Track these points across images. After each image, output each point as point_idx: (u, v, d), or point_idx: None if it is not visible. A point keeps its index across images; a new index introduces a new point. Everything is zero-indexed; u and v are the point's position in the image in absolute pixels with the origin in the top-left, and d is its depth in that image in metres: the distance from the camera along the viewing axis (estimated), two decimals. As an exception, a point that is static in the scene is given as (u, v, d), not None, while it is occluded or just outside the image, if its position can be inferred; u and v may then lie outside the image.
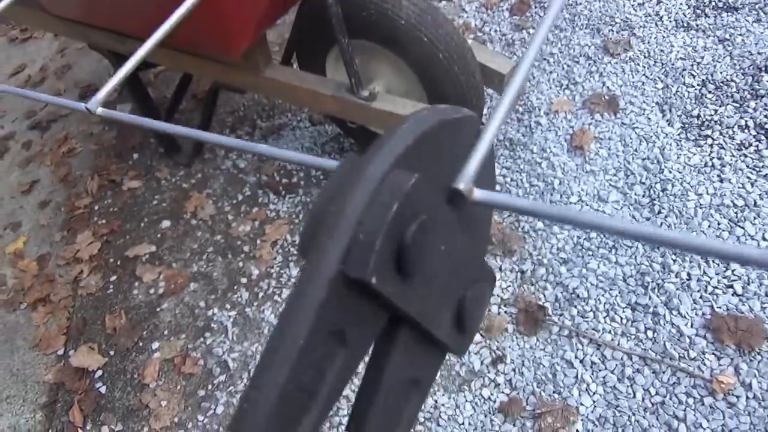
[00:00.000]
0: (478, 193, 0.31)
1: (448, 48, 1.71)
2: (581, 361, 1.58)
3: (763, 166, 1.81)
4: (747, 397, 1.43)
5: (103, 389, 1.88)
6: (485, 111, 2.06)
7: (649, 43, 2.28)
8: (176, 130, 0.44)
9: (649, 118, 2.04)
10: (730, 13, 2.27)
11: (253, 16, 1.62)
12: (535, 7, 2.61)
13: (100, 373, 1.92)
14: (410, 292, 0.28)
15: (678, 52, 2.21)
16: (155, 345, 1.94)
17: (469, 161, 0.31)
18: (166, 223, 2.31)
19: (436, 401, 1.61)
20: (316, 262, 0.25)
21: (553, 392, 1.55)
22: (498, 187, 2.02)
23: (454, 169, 0.32)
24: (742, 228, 1.70)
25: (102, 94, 0.48)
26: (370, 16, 1.70)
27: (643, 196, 1.85)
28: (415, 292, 0.28)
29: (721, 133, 1.93)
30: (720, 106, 2.00)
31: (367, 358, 0.31)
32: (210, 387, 1.80)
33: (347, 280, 0.25)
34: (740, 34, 2.18)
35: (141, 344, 1.96)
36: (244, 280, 2.03)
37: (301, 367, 0.25)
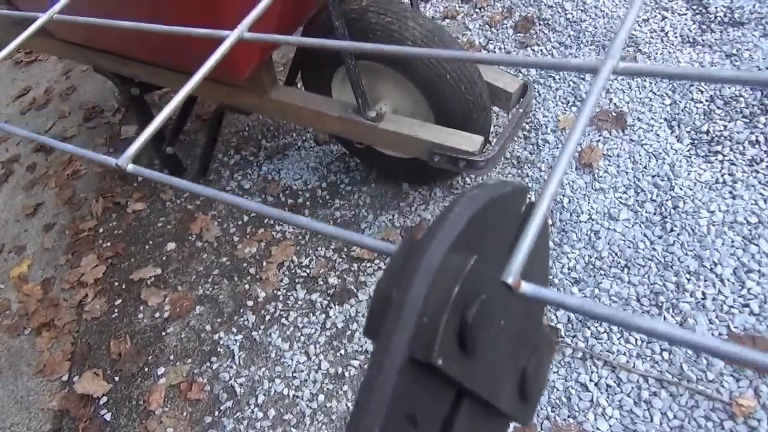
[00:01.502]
0: (526, 287, 0.31)
1: (455, 67, 1.70)
2: (596, 384, 1.55)
3: (775, 182, 1.79)
4: (768, 421, 1.39)
5: (108, 416, 1.85)
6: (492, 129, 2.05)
7: (655, 59, 2.27)
8: (210, 194, 0.43)
9: (657, 135, 2.02)
10: (736, 29, 2.26)
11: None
12: (539, 25, 2.61)
13: (105, 399, 1.89)
14: (473, 368, 0.29)
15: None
16: (161, 370, 1.91)
17: (516, 251, 0.31)
18: (171, 246, 2.29)
19: (448, 427, 1.57)
20: (385, 350, 0.26)
21: (568, 416, 1.52)
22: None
23: (504, 244, 0.33)
24: (757, 245, 1.67)
25: (132, 150, 0.47)
26: (376, 38, 1.69)
27: (655, 214, 1.82)
28: (478, 368, 0.30)
29: (731, 149, 1.91)
30: (729, 122, 1.98)
31: None
32: (217, 413, 1.77)
33: (416, 365, 0.26)
34: (747, 49, 2.17)
35: (146, 369, 1.93)
36: (250, 303, 2.00)
37: None
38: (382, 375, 0.26)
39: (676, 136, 2.01)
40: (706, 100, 2.07)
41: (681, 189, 1.85)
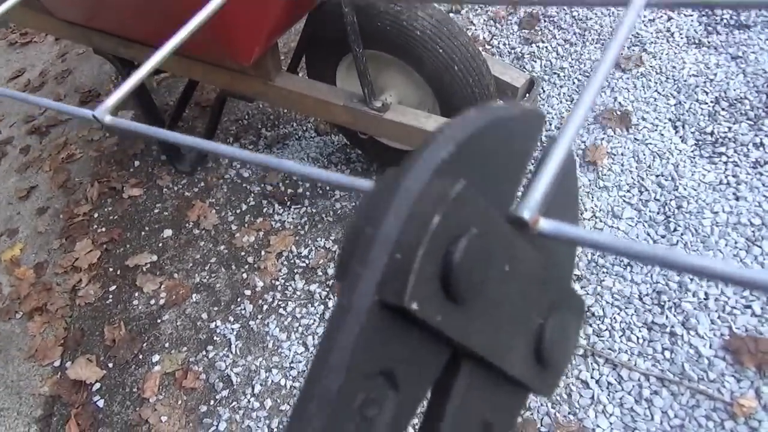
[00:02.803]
0: (545, 224, 0.26)
1: (463, 60, 1.69)
2: (597, 382, 1.54)
3: (779, 185, 1.79)
4: (769, 422, 1.39)
5: (101, 403, 1.82)
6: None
7: (660, 59, 2.27)
8: (190, 142, 0.39)
9: (662, 134, 2.02)
10: (742, 31, 2.26)
11: (266, 23, 1.59)
12: (545, 21, 2.60)
13: (98, 386, 1.86)
14: (467, 321, 0.24)
15: (690, 68, 2.20)
16: (156, 358, 1.88)
17: (534, 183, 0.26)
18: (167, 233, 2.26)
19: (447, 421, 1.56)
20: (348, 292, 0.22)
21: (569, 413, 1.51)
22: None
23: (512, 177, 0.28)
24: (760, 247, 1.67)
25: (111, 101, 0.43)
26: (385, 27, 1.67)
27: (658, 213, 1.82)
28: (475, 321, 0.24)
29: (735, 151, 1.91)
30: (734, 124, 1.98)
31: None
32: (212, 402, 1.75)
33: (389, 310, 0.22)
34: (753, 52, 2.16)
35: (141, 357, 1.90)
36: (247, 292, 1.98)
37: (342, 417, 0.21)
38: (347, 320, 0.21)
39: (681, 137, 2.00)
40: (711, 101, 2.07)
41: (685, 189, 1.85)
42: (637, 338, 1.59)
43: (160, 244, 2.22)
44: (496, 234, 0.25)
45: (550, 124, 2.17)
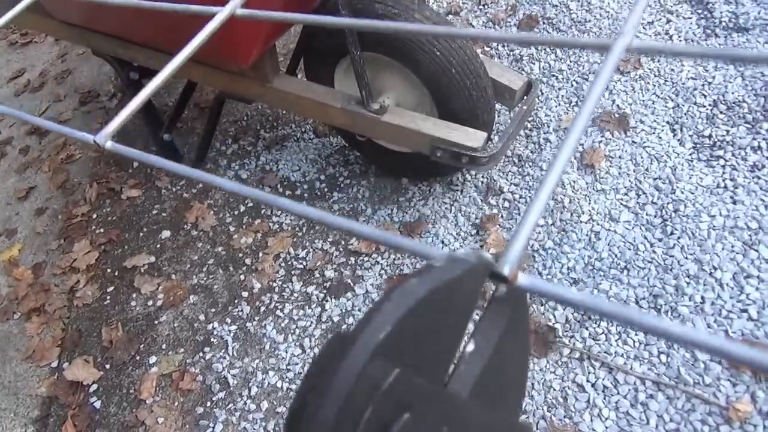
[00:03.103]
0: (523, 279, 0.27)
1: (461, 62, 1.69)
2: (593, 385, 1.54)
3: (776, 189, 1.78)
4: (764, 426, 1.39)
5: (97, 404, 1.82)
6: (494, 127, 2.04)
7: (659, 62, 2.27)
8: (185, 172, 0.40)
9: (660, 137, 2.02)
10: (740, 34, 2.26)
11: (264, 25, 1.59)
12: (543, 24, 2.60)
13: (95, 387, 1.87)
14: None
15: (688, 71, 2.20)
16: (153, 359, 1.89)
17: (513, 241, 0.27)
18: (165, 234, 2.26)
19: (443, 424, 1.56)
20: None
21: (564, 417, 1.51)
22: (506, 204, 1.99)
23: (459, 326, 0.28)
24: (756, 251, 1.67)
25: (112, 127, 0.44)
26: (383, 28, 1.67)
27: (655, 217, 1.82)
28: None
29: (733, 154, 1.91)
30: (732, 127, 1.98)
31: None
32: (209, 404, 1.75)
33: None
34: (751, 55, 2.16)
35: (138, 358, 1.90)
36: (245, 294, 1.98)
37: None
38: None
39: (679, 140, 2.00)
40: (709, 105, 2.07)
41: (682, 192, 1.85)
42: (634, 342, 1.59)
43: (158, 246, 2.22)
44: (432, 410, 0.26)
45: (548, 126, 2.17)
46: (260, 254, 2.08)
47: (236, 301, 1.97)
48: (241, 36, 1.56)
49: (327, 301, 1.89)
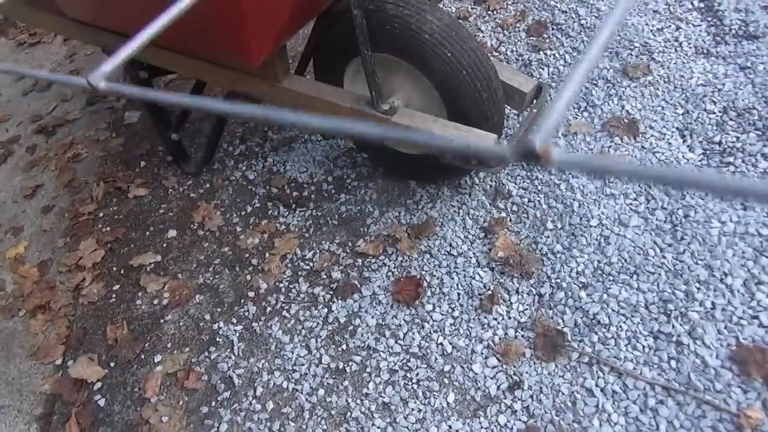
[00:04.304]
0: (558, 154, 0.26)
1: (472, 64, 1.69)
2: (602, 390, 1.53)
3: (787, 196, 1.77)
4: (776, 434, 1.38)
5: (101, 402, 1.81)
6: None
7: (668, 68, 2.26)
8: (178, 100, 0.39)
9: (669, 143, 2.01)
10: (750, 42, 2.26)
11: (275, 24, 1.59)
12: (553, 29, 2.60)
13: (99, 385, 1.86)
14: None
15: (698, 78, 2.19)
16: (158, 358, 1.88)
17: (546, 117, 0.26)
18: (172, 233, 2.25)
19: (450, 427, 1.55)
20: None
21: (573, 421, 1.50)
22: (515, 207, 1.98)
23: None
24: (767, 258, 1.66)
25: (105, 68, 0.43)
26: (394, 30, 1.67)
27: (665, 222, 1.81)
28: None
29: (743, 161, 1.90)
30: (742, 134, 1.97)
31: None
32: (213, 404, 1.74)
33: None
34: (762, 63, 2.16)
35: (143, 356, 1.89)
36: (251, 294, 1.97)
37: None
38: None
39: (688, 146, 2.00)
40: (719, 111, 2.06)
41: (692, 198, 1.84)
42: (643, 347, 1.58)
43: (165, 245, 2.22)
44: None
45: (557, 131, 2.16)
46: (267, 255, 2.08)
47: (242, 301, 1.96)
48: (251, 34, 1.56)
49: (333, 302, 1.89)
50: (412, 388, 1.64)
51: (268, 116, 0.36)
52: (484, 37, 2.67)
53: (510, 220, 1.95)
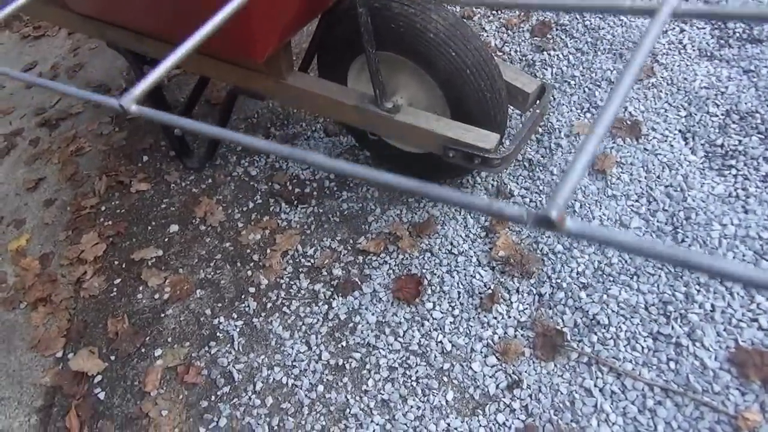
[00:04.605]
0: (571, 224, 0.27)
1: (476, 64, 1.69)
2: (601, 390, 1.53)
3: (788, 199, 1.78)
4: (773, 436, 1.38)
5: (101, 395, 1.82)
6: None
7: (672, 70, 2.27)
8: (208, 131, 0.40)
9: (672, 145, 2.02)
10: (754, 45, 2.26)
11: (280, 20, 1.59)
12: (557, 30, 2.60)
13: (99, 378, 1.86)
14: None
15: (702, 81, 2.19)
16: (158, 352, 1.88)
17: (562, 185, 0.27)
18: (174, 228, 2.26)
19: (448, 424, 1.55)
20: None
21: (571, 421, 1.50)
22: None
23: None
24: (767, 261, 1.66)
25: (137, 91, 0.44)
26: (399, 28, 1.67)
27: (666, 224, 1.81)
28: None
29: (745, 164, 1.90)
30: (744, 137, 1.97)
31: None
32: (213, 398, 1.74)
33: None
34: (765, 66, 2.16)
35: (143, 350, 1.90)
36: (252, 290, 1.98)
37: None
38: None
39: (690, 148, 2.00)
40: (722, 114, 2.06)
41: (693, 201, 1.84)
42: (642, 348, 1.58)
43: (166, 239, 2.22)
44: None
45: (560, 132, 2.17)
46: (268, 251, 2.08)
47: (243, 296, 1.97)
48: (256, 31, 1.57)
49: (334, 299, 1.89)
50: (412, 385, 1.65)
51: (292, 155, 0.36)
52: (488, 36, 2.67)
53: (511, 219, 1.95)
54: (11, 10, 0.58)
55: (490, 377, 1.62)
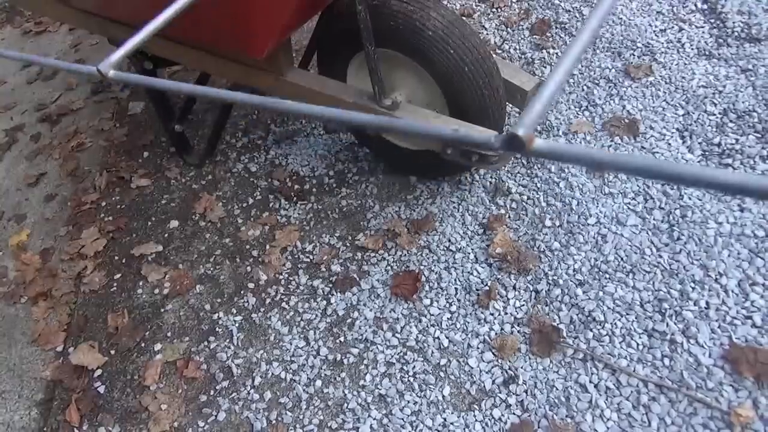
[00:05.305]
0: (539, 143, 0.27)
1: (474, 61, 1.70)
2: (596, 386, 1.55)
3: (784, 198, 1.79)
4: (766, 432, 1.39)
5: (101, 389, 1.83)
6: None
7: (670, 69, 2.27)
8: (184, 88, 0.41)
9: (669, 144, 2.03)
10: (752, 44, 2.27)
11: (280, 17, 1.60)
12: (556, 28, 2.61)
13: (99, 372, 1.88)
14: None
15: (699, 79, 2.20)
16: (158, 346, 1.90)
17: (531, 106, 0.27)
18: (174, 224, 2.27)
19: (445, 419, 1.57)
20: None
21: (566, 416, 1.52)
22: (514, 204, 2.00)
23: None
24: (762, 259, 1.68)
25: (115, 56, 0.45)
26: (398, 26, 1.69)
27: (662, 222, 1.82)
28: None
29: (742, 163, 1.91)
30: (741, 136, 1.99)
31: None
32: (212, 392, 1.76)
33: None
34: (763, 65, 2.17)
35: (143, 345, 1.92)
36: (251, 285, 1.99)
37: None
38: None
39: (688, 147, 2.01)
40: (719, 113, 2.07)
41: (690, 199, 1.85)
42: (637, 344, 1.59)
43: (166, 235, 2.24)
44: None
45: (558, 130, 2.18)
46: (267, 247, 2.10)
47: (242, 292, 1.98)
48: (256, 26, 1.58)
49: (332, 295, 1.90)
50: (409, 380, 1.66)
51: (264, 104, 0.37)
52: (487, 34, 2.68)
53: (509, 217, 1.97)
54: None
55: (487, 373, 1.64)
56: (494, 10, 2.82)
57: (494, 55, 1.83)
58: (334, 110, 0.35)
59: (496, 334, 1.70)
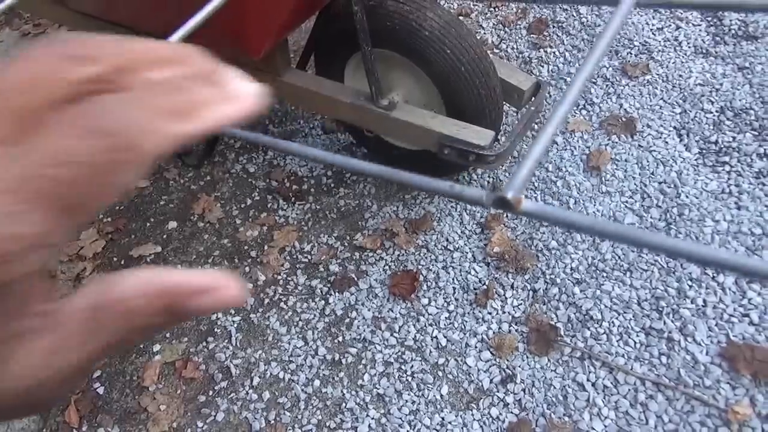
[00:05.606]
0: (528, 204, 0.28)
1: (471, 61, 1.70)
2: (593, 384, 1.55)
3: (781, 196, 1.79)
4: (763, 430, 1.40)
5: (101, 390, 1.84)
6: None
7: (667, 67, 2.28)
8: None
9: (666, 142, 2.03)
10: (749, 42, 2.27)
11: (276, 17, 1.61)
12: (553, 27, 2.61)
13: (98, 373, 1.88)
14: None
15: (696, 77, 2.21)
16: (156, 347, 1.90)
17: (520, 166, 0.28)
18: (172, 224, 2.28)
19: (443, 418, 1.57)
20: None
21: (564, 415, 1.52)
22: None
23: None
24: (760, 257, 1.68)
25: None
26: (394, 26, 1.69)
27: (660, 220, 1.83)
28: None
29: (739, 161, 1.92)
30: (738, 134, 1.99)
31: None
32: (211, 393, 1.76)
33: None
34: (760, 63, 2.17)
35: (142, 346, 1.92)
36: (249, 286, 2.00)
37: None
38: None
39: (685, 145, 2.01)
40: (717, 111, 2.08)
41: (687, 197, 1.86)
42: (635, 343, 1.60)
43: (165, 236, 2.24)
44: None
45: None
46: (265, 247, 2.10)
47: (241, 292, 1.99)
48: (253, 27, 1.58)
49: (331, 294, 1.91)
50: (407, 380, 1.67)
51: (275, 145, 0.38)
52: (485, 34, 2.69)
53: (506, 216, 1.97)
54: (5, 6, 0.60)
55: (485, 372, 1.64)
56: (491, 9, 2.82)
57: (491, 55, 1.84)
58: (345, 158, 0.36)
59: (494, 333, 1.71)
